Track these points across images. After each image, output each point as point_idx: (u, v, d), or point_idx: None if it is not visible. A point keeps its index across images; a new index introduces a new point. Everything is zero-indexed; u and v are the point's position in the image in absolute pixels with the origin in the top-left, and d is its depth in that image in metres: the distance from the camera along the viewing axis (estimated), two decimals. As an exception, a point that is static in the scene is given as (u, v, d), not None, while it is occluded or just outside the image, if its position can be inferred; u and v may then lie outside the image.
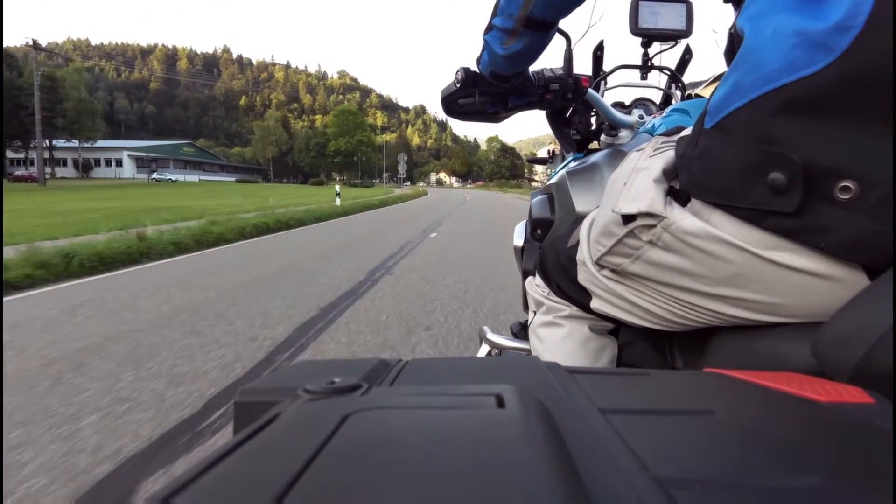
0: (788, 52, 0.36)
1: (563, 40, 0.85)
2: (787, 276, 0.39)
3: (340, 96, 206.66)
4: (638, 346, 0.65)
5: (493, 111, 0.89)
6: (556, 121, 1.14)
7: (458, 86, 0.85)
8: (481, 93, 0.85)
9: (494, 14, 0.69)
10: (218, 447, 0.19)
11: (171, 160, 71.68)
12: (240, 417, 0.26)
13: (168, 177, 61.38)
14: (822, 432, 0.23)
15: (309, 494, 0.15)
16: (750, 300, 0.41)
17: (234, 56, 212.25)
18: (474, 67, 0.82)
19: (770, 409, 0.26)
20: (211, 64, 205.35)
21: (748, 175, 0.39)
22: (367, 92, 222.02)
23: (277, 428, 0.21)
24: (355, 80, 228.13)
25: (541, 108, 0.97)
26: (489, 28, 0.71)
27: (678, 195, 0.45)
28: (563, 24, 0.72)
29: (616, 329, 0.65)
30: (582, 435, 0.20)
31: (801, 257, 0.38)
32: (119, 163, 68.23)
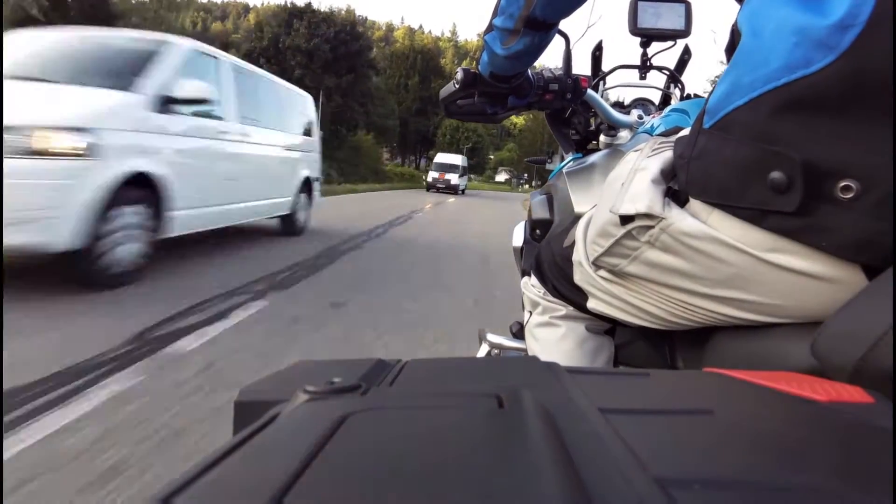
0: (789, 50, 0.36)
1: (561, 41, 0.85)
2: (786, 278, 0.39)
3: (475, 62, 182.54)
4: (635, 345, 0.65)
5: (493, 112, 0.89)
6: (555, 121, 1.14)
7: (457, 86, 0.85)
8: (480, 94, 0.85)
9: (495, 14, 0.68)
10: (218, 447, 0.19)
11: None
12: (239, 417, 0.26)
13: None
14: (822, 432, 0.23)
15: (308, 494, 0.15)
16: (748, 301, 0.41)
17: (358, 17, 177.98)
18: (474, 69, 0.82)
19: (770, 409, 0.26)
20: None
21: (748, 174, 0.38)
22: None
23: (277, 428, 0.20)
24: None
25: (540, 108, 0.97)
26: (489, 28, 0.71)
27: (676, 196, 0.45)
28: (562, 24, 0.72)
29: (612, 329, 0.65)
30: (582, 435, 0.20)
31: (800, 259, 0.38)
32: None
